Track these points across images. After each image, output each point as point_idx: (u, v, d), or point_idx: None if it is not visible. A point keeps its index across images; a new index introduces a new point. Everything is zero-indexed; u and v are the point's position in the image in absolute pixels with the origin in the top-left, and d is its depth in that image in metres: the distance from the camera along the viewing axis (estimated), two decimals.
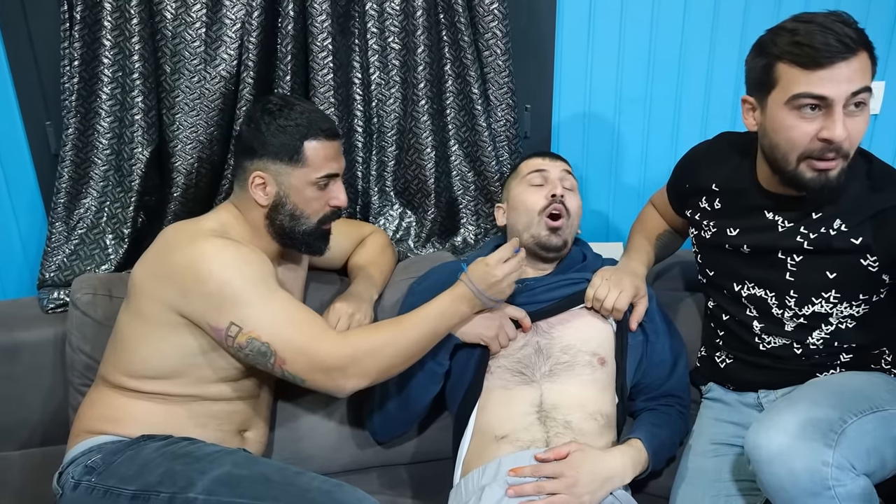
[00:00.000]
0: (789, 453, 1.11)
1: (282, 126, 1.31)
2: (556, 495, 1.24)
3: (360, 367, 1.26)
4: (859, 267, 1.27)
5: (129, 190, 1.69)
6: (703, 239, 1.46)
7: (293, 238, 1.37)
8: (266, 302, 1.26)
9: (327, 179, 1.35)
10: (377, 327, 1.33)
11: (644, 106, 1.87)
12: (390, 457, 1.59)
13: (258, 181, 1.33)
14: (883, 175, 1.27)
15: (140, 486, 1.18)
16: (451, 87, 1.72)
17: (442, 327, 1.32)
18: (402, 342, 1.29)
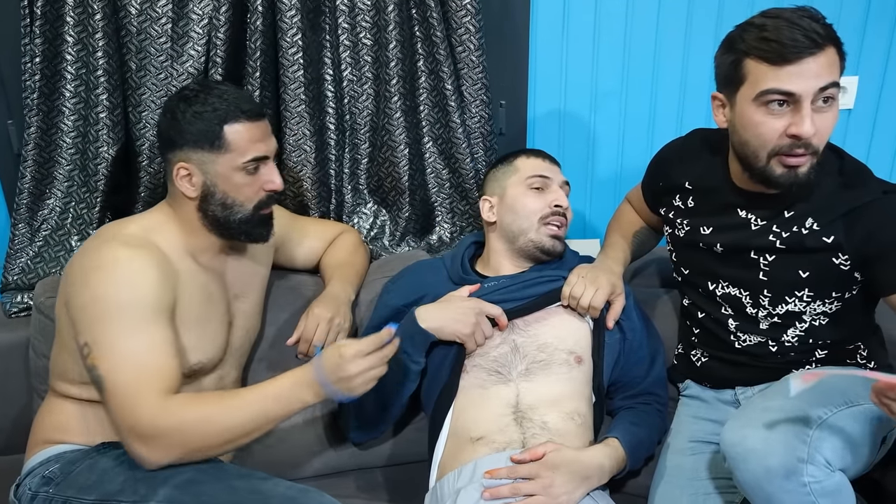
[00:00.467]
0: (764, 450, 1.10)
1: (198, 112, 1.24)
2: (532, 496, 1.22)
3: (166, 442, 1.14)
4: (831, 265, 1.26)
5: (95, 190, 1.65)
6: (677, 237, 1.45)
7: (230, 228, 1.31)
8: (125, 334, 1.15)
9: (256, 163, 1.28)
10: (204, 400, 1.20)
11: (619, 101, 1.86)
12: (366, 460, 1.57)
13: (183, 172, 1.27)
14: (854, 172, 1.27)
15: (100, 496, 1.14)
16: (424, 84, 1.70)
17: (277, 412, 1.17)
18: (225, 422, 1.15)
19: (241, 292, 1.41)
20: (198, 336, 1.28)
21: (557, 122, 1.87)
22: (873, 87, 1.89)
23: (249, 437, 1.18)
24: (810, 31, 1.13)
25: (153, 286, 1.19)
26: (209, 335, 1.30)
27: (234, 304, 1.39)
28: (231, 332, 1.38)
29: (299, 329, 1.43)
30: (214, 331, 1.31)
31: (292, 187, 1.72)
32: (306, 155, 1.68)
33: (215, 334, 1.32)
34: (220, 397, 1.21)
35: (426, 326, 1.36)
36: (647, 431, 1.40)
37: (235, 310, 1.39)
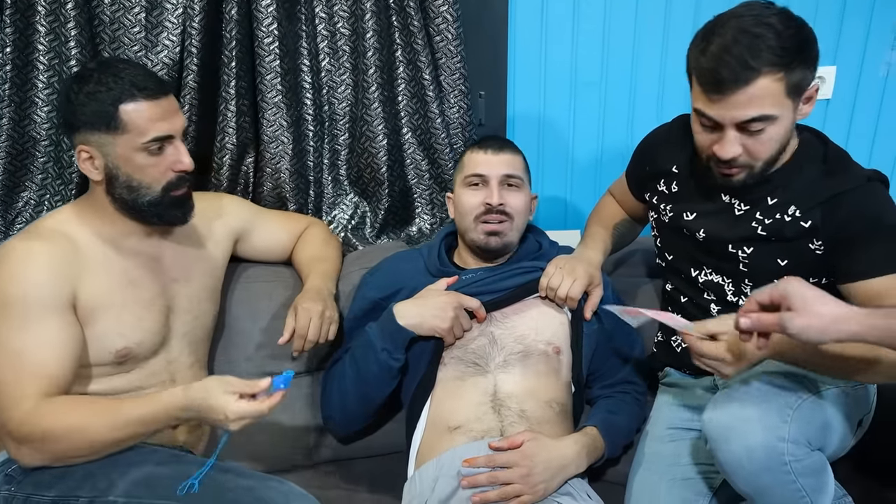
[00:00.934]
0: (745, 430, 1.11)
1: (91, 92, 1.19)
2: (510, 485, 1.22)
3: (34, 447, 1.13)
4: (807, 251, 1.27)
5: (70, 182, 1.63)
6: (662, 223, 1.45)
7: (140, 211, 1.26)
8: (9, 332, 1.14)
9: (159, 143, 1.23)
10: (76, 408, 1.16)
11: (599, 91, 1.86)
12: (345, 451, 1.56)
13: (84, 156, 1.22)
14: (837, 159, 1.28)
15: (59, 493, 1.13)
16: (402, 74, 1.69)
17: (145, 430, 1.16)
18: (91, 435, 1.14)
19: (180, 276, 1.38)
20: (118, 321, 1.25)
21: (537, 113, 1.87)
22: (851, 77, 1.90)
23: (118, 447, 1.17)
24: (742, 63, 1.12)
25: (44, 281, 1.17)
26: (132, 320, 1.28)
27: (173, 287, 1.36)
28: (172, 317, 1.35)
29: (289, 326, 1.39)
30: (136, 315, 1.28)
31: (270, 179, 1.70)
32: (283, 146, 1.67)
33: (139, 319, 1.29)
34: (94, 409, 1.17)
35: (404, 323, 1.35)
36: (625, 419, 1.40)
37: (174, 293, 1.36)
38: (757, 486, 1.13)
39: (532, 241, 1.55)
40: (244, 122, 1.66)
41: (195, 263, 1.41)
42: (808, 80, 1.17)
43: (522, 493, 1.21)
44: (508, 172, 1.44)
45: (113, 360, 1.26)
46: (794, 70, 1.14)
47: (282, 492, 1.13)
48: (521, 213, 1.46)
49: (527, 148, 1.87)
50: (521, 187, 1.46)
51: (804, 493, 1.13)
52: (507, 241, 1.45)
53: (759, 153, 1.21)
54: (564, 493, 1.25)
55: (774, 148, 1.21)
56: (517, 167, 1.46)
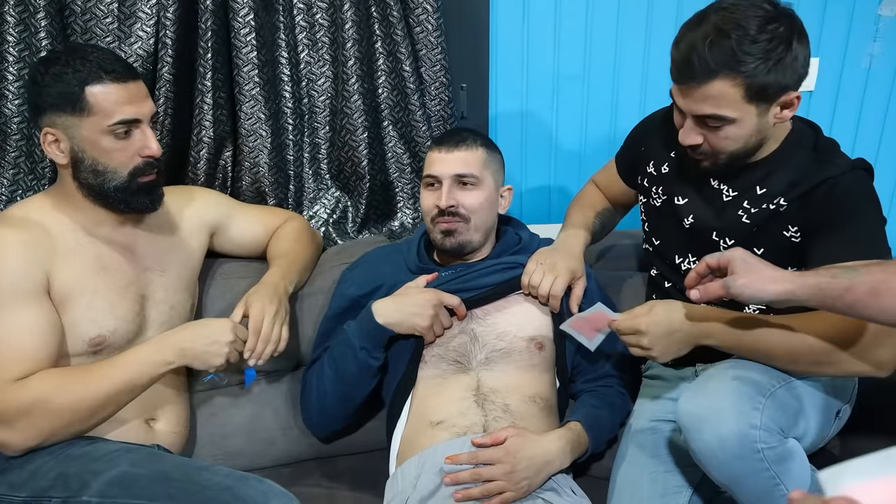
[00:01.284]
0: (717, 419, 1.11)
1: (57, 74, 1.19)
2: (493, 482, 1.20)
3: (31, 423, 1.13)
4: (783, 239, 1.26)
5: (42, 177, 1.60)
6: (652, 207, 1.45)
7: (107, 196, 1.25)
8: None
9: (126, 126, 1.22)
10: (62, 376, 1.17)
11: (582, 84, 1.85)
12: (326, 449, 1.54)
13: (50, 138, 1.22)
14: (826, 148, 1.27)
15: (31, 493, 1.11)
16: (382, 66, 1.67)
17: (142, 378, 1.19)
18: (89, 396, 1.15)
19: (154, 265, 1.36)
20: (91, 307, 1.24)
21: (519, 106, 1.85)
22: (833, 68, 1.89)
23: (117, 406, 1.19)
24: (702, 61, 1.12)
25: (16, 266, 1.17)
26: (106, 307, 1.26)
27: (146, 276, 1.34)
28: (147, 306, 1.34)
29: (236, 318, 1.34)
30: (109, 302, 1.27)
31: (249, 173, 1.68)
32: (262, 140, 1.65)
33: (111, 306, 1.27)
34: (81, 371, 1.19)
35: (384, 322, 1.33)
36: (608, 413, 1.39)
37: (148, 282, 1.34)
38: (730, 474, 1.14)
39: (511, 234, 1.53)
40: (221, 115, 1.63)
41: (169, 254, 1.39)
42: (777, 88, 1.15)
43: (505, 489, 1.20)
44: (460, 172, 1.38)
45: (88, 350, 1.25)
46: (755, 77, 1.12)
47: (261, 490, 1.11)
48: (478, 211, 1.40)
49: (509, 140, 1.87)
50: (477, 185, 1.40)
51: (778, 481, 1.13)
52: (462, 240, 1.41)
53: (718, 146, 1.22)
54: (548, 489, 1.24)
55: (737, 145, 1.21)
56: (473, 164, 1.39)
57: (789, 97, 1.17)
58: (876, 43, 1.87)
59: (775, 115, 1.19)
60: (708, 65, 1.13)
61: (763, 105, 1.16)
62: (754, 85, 1.13)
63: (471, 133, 1.44)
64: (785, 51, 1.13)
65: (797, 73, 1.16)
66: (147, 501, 1.09)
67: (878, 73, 1.91)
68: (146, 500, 1.09)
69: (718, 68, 1.13)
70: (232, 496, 1.08)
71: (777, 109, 1.18)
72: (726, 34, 1.12)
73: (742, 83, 1.13)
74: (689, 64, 1.14)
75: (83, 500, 1.09)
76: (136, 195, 1.27)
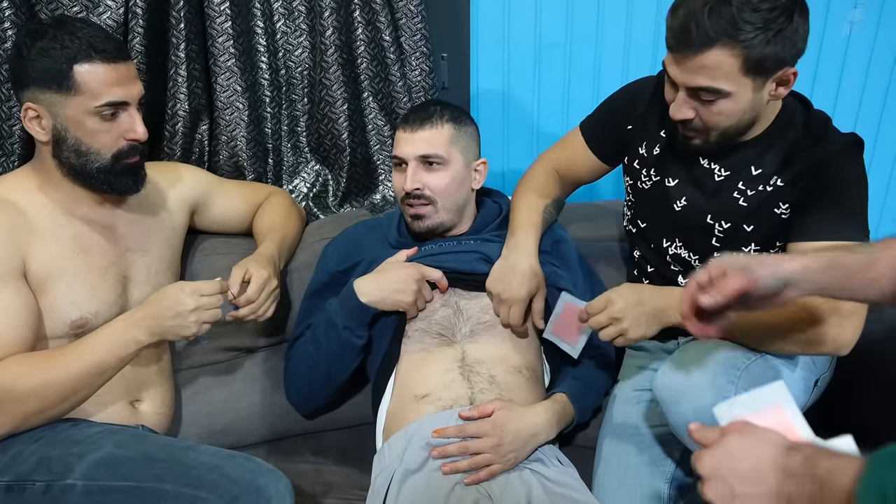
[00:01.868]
0: (693, 392, 1.13)
1: (44, 49, 1.14)
2: (480, 454, 1.20)
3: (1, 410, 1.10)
4: (774, 216, 1.26)
5: (11, 153, 1.55)
6: (640, 189, 1.42)
7: (88, 177, 1.21)
8: None
9: (113, 108, 1.18)
10: (32, 360, 1.14)
11: (564, 52, 1.82)
12: (312, 425, 1.53)
13: (31, 114, 1.17)
14: (817, 123, 1.25)
15: (13, 477, 1.09)
16: (361, 36, 1.63)
17: (112, 359, 1.15)
18: (58, 380, 1.12)
19: (136, 246, 1.33)
20: (70, 289, 1.21)
21: (501, 75, 1.83)
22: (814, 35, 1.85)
23: (90, 388, 1.15)
24: (700, 29, 1.09)
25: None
26: (82, 289, 1.23)
27: (128, 257, 1.32)
28: (129, 287, 1.31)
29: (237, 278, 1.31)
30: (90, 285, 1.24)
31: (226, 147, 1.64)
32: (239, 112, 1.61)
33: (92, 288, 1.25)
34: (49, 355, 1.16)
35: (367, 300, 1.32)
36: (591, 383, 1.39)
37: (130, 263, 1.32)
38: None
39: (491, 205, 1.52)
40: (196, 87, 1.59)
41: (151, 234, 1.36)
42: (775, 62, 1.12)
43: (493, 462, 1.20)
44: (424, 153, 1.36)
45: (69, 332, 1.22)
46: (754, 47, 1.10)
47: (249, 468, 1.10)
48: (444, 192, 1.38)
49: (491, 110, 1.85)
50: (444, 164, 1.37)
51: None
52: (431, 224, 1.40)
53: (711, 122, 1.19)
54: (535, 460, 1.25)
55: (730, 121, 1.19)
56: (438, 144, 1.36)
57: (786, 73, 1.15)
58: (856, 10, 1.86)
59: (770, 92, 1.17)
60: (706, 32, 1.09)
61: (759, 79, 1.14)
62: (752, 56, 1.10)
63: (438, 108, 1.39)
64: (786, 22, 1.09)
65: (796, 46, 1.13)
66: (133, 483, 1.07)
67: (858, 40, 1.91)
68: (132, 482, 1.07)
69: (717, 36, 1.09)
70: (219, 475, 1.08)
71: (773, 86, 1.16)
72: (727, 1, 1.09)
73: (740, 53, 1.10)
74: (686, 31, 1.11)
75: (68, 484, 1.07)
76: (120, 177, 1.23)
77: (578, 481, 1.26)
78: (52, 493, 1.07)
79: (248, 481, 1.07)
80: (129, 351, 1.16)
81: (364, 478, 1.35)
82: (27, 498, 1.08)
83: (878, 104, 1.99)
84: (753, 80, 1.14)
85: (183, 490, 1.06)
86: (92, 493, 1.07)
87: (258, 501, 1.06)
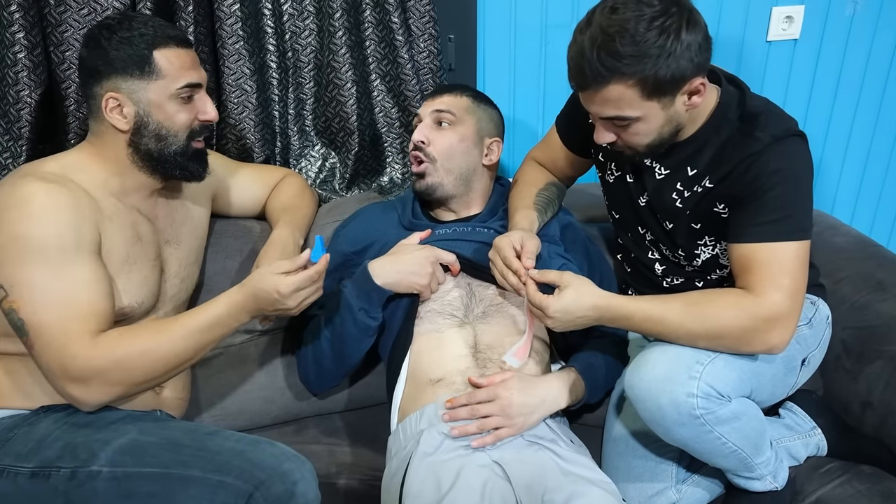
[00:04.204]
0: (656, 390, 1.16)
1: (125, 38, 1.17)
2: (490, 417, 1.22)
3: (106, 380, 1.11)
4: (714, 214, 1.27)
5: (20, 138, 1.54)
6: (608, 183, 1.43)
7: (164, 162, 1.23)
8: (47, 273, 1.09)
9: (189, 90, 1.22)
10: (138, 332, 1.16)
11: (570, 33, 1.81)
12: (324, 406, 1.55)
13: (112, 104, 1.19)
14: (753, 117, 1.23)
15: (38, 463, 1.09)
16: (369, 17, 1.62)
17: (214, 336, 1.17)
18: (162, 353, 1.14)
19: (172, 238, 1.34)
20: (126, 278, 1.22)
21: (507, 57, 1.82)
22: (818, 16, 1.89)
23: (189, 363, 1.18)
24: (592, 68, 1.10)
25: (74, 221, 1.13)
26: (137, 278, 1.24)
27: (166, 249, 1.32)
28: (164, 279, 1.32)
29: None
30: (143, 274, 1.25)
31: (234, 130, 1.64)
32: (247, 96, 1.60)
33: (145, 278, 1.25)
34: (156, 328, 1.18)
35: (381, 283, 1.33)
36: (602, 362, 1.40)
37: (167, 255, 1.33)
38: (677, 439, 1.20)
39: (501, 191, 1.54)
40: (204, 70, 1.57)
41: (183, 226, 1.37)
42: (674, 81, 1.11)
43: (501, 425, 1.22)
44: (438, 108, 1.42)
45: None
46: (646, 74, 1.10)
47: (273, 454, 1.11)
48: (446, 152, 1.41)
49: (498, 92, 1.84)
50: (453, 125, 1.41)
51: (725, 440, 1.19)
52: (431, 181, 1.42)
53: (632, 142, 1.21)
54: (549, 440, 1.26)
55: (649, 139, 1.20)
56: (452, 105, 1.42)
57: (692, 85, 1.14)
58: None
59: (684, 103, 1.17)
60: (598, 71, 1.10)
61: (665, 98, 1.14)
62: (648, 83, 1.11)
63: (461, 86, 1.45)
64: (674, 42, 1.09)
65: (693, 61, 1.11)
66: (159, 469, 1.08)
67: (861, 20, 1.92)
68: (158, 468, 1.08)
69: (608, 74, 1.10)
70: (245, 460, 1.08)
71: (684, 98, 1.16)
72: (611, 38, 1.09)
73: (636, 83, 1.11)
74: (580, 71, 1.13)
75: (93, 470, 1.08)
76: (192, 161, 1.26)
77: (591, 461, 1.28)
78: (78, 479, 1.08)
79: (274, 466, 1.08)
80: (229, 331, 1.18)
81: (377, 458, 1.37)
82: (52, 484, 1.08)
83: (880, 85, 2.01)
84: (659, 101, 1.14)
85: (209, 476, 1.06)
86: (118, 479, 1.07)
87: (284, 486, 1.07)
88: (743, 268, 1.19)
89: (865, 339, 1.45)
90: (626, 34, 1.08)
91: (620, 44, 1.08)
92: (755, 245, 1.18)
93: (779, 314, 1.15)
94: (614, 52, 1.09)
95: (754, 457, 1.25)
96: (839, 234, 1.68)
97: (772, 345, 1.17)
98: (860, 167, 2.12)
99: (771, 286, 1.15)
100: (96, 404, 1.14)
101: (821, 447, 1.42)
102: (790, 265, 1.16)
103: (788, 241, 1.17)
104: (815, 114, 2.02)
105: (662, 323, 1.19)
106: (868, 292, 1.51)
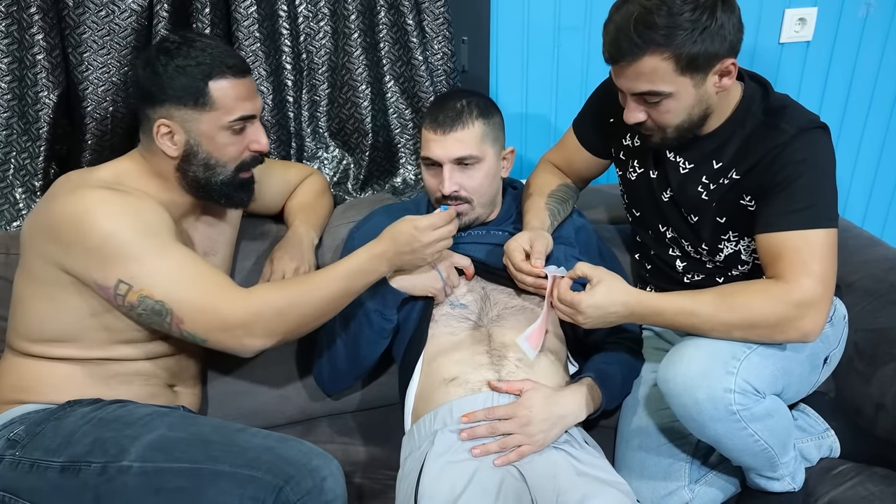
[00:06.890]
0: (693, 384, 1.16)
1: (181, 66, 1.17)
2: (510, 435, 1.23)
3: (265, 326, 1.17)
4: (740, 207, 1.28)
5: (38, 138, 1.55)
6: (629, 181, 1.44)
7: (210, 190, 1.26)
8: (158, 257, 1.15)
9: (242, 122, 1.23)
10: (286, 284, 1.24)
11: (582, 35, 1.82)
12: (338, 406, 1.56)
13: (164, 130, 1.20)
14: (777, 110, 1.26)
15: (68, 458, 1.10)
16: (384, 19, 1.63)
17: (357, 285, 1.23)
18: (312, 301, 1.20)
19: (209, 250, 1.36)
20: None
21: (520, 59, 1.83)
22: (831, 18, 1.89)
23: (336, 311, 1.24)
24: (629, 40, 1.14)
25: (155, 211, 1.19)
26: None
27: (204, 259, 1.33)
28: None
29: (265, 278, 1.39)
30: None
31: None
32: (263, 97, 1.61)
33: None
34: (300, 281, 1.26)
35: (398, 286, 1.34)
36: (618, 368, 1.40)
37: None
38: (710, 435, 1.20)
39: (514, 195, 1.55)
40: None
41: (219, 237, 1.40)
42: (707, 58, 1.15)
43: (522, 443, 1.23)
44: (460, 155, 1.36)
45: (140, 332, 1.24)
46: (682, 48, 1.13)
47: (302, 451, 1.12)
48: (479, 189, 1.40)
49: (510, 95, 1.85)
50: (479, 161, 1.38)
51: (757, 437, 1.19)
52: (468, 220, 1.43)
53: (662, 121, 1.23)
54: (563, 441, 1.27)
55: (679, 118, 1.22)
56: (471, 144, 1.36)
57: (724, 65, 1.18)
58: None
59: (714, 84, 1.20)
60: (635, 43, 1.14)
61: (697, 76, 1.17)
62: (683, 57, 1.15)
63: (465, 103, 1.38)
64: (709, 19, 1.13)
65: (726, 40, 1.16)
66: (190, 464, 1.09)
67: (874, 22, 1.92)
68: (188, 463, 1.09)
69: (645, 45, 1.14)
70: (274, 456, 1.09)
71: (715, 78, 1.19)
72: (649, 11, 1.13)
73: (671, 56, 1.15)
74: (617, 44, 1.16)
75: (124, 465, 1.09)
76: (238, 190, 1.28)
77: (605, 462, 1.28)
78: (108, 473, 1.09)
79: (303, 463, 1.09)
80: (371, 280, 1.24)
81: (391, 458, 1.38)
82: (83, 478, 1.09)
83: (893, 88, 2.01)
84: (692, 78, 1.17)
85: (239, 471, 1.07)
86: (148, 474, 1.08)
87: (314, 481, 1.08)
88: (773, 257, 1.20)
89: (878, 341, 1.45)
90: (663, 7, 1.13)
91: (657, 16, 1.13)
92: (785, 233, 1.19)
93: (811, 299, 1.15)
94: (651, 24, 1.13)
95: (781, 456, 1.25)
96: (851, 237, 1.68)
97: (806, 331, 1.17)
98: (872, 170, 2.12)
99: (803, 272, 1.16)
100: (257, 349, 1.20)
101: (833, 449, 1.42)
102: (820, 251, 1.17)
103: (817, 228, 1.18)
104: (827, 116, 1.99)
105: (695, 315, 1.19)
106: (880, 295, 1.51)
